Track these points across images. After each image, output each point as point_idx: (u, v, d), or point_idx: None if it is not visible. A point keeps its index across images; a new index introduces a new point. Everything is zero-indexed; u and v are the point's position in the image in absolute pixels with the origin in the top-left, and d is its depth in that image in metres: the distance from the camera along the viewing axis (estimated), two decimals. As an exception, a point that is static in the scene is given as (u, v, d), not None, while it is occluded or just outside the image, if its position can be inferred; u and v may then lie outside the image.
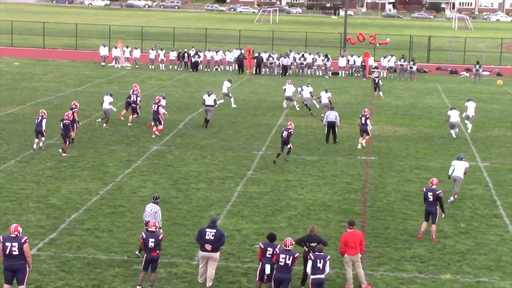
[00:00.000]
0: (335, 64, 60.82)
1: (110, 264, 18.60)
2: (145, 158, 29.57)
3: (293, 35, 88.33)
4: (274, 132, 35.40)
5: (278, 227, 21.72)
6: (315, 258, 16.32)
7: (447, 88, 53.63)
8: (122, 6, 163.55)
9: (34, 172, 26.92)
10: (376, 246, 20.51)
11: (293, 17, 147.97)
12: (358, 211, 23.68)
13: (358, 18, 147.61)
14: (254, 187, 25.97)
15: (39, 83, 49.72)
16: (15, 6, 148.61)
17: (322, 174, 27.97)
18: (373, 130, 36.73)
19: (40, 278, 17.55)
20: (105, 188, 25.25)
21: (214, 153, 30.82)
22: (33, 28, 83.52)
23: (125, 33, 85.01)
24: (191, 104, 42.61)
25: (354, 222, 18.00)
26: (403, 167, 29.55)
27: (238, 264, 18.96)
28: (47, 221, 21.58)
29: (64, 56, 66.66)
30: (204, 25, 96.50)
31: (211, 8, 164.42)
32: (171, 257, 19.18)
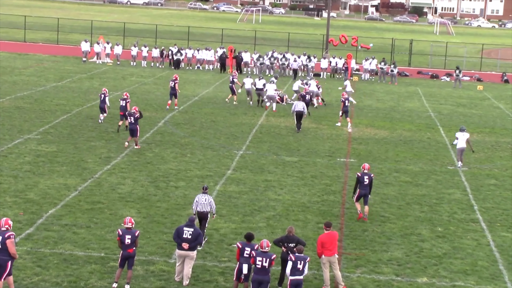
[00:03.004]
0: (317, 66, 60.92)
1: (87, 260, 18.52)
2: (124, 155, 29.47)
3: (276, 35, 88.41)
4: (254, 132, 35.41)
5: (256, 227, 21.72)
6: (296, 259, 16.31)
7: (427, 92, 53.92)
8: (105, 2, 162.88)
9: (12, 166, 26.74)
10: (353, 248, 20.57)
11: (276, 17, 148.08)
12: (336, 212, 23.74)
13: (340, 20, 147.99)
14: (233, 186, 25.95)
15: (19, 77, 49.41)
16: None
17: (302, 175, 28.01)
18: (353, 133, 36.88)
19: (16, 273, 17.41)
20: (83, 184, 25.13)
21: (194, 151, 30.77)
22: (15, 21, 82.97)
23: (107, 29, 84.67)
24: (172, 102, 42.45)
25: (331, 223, 18.03)
26: (382, 170, 29.65)
27: (215, 263, 18.94)
28: (24, 216, 21.45)
29: (45, 51, 66.29)
30: (187, 23, 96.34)
31: (194, 6, 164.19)
32: (148, 255, 19.12)
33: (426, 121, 41.73)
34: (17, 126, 33.33)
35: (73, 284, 17.15)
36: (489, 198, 26.45)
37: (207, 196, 20.11)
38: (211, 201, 20.11)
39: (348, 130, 37.23)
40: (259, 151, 31.61)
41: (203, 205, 19.94)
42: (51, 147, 29.93)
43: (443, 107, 47.48)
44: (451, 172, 29.74)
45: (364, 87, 54.90)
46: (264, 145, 32.71)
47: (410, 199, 25.74)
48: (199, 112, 39.94)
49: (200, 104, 42.64)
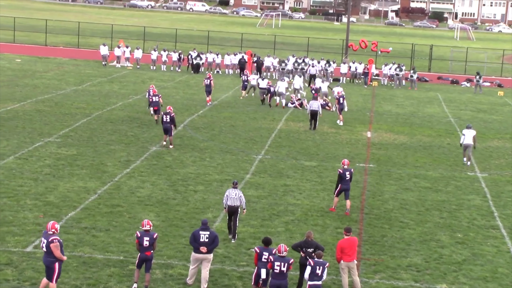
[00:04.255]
0: (337, 71, 60.84)
1: (106, 263, 18.58)
2: (144, 158, 29.56)
3: (295, 40, 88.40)
4: (274, 137, 35.40)
5: (275, 231, 21.70)
6: (315, 264, 16.26)
7: (447, 98, 53.68)
8: (125, 6, 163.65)
9: (32, 169, 26.90)
10: (372, 254, 20.50)
11: (295, 22, 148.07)
12: (355, 218, 23.67)
13: (360, 25, 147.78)
14: (252, 191, 25.95)
15: (40, 80, 49.72)
16: (18, 2, 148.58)
17: (321, 180, 27.96)
18: (373, 138, 36.80)
19: (36, 276, 17.52)
20: (103, 187, 25.23)
21: (213, 155, 30.81)
22: (36, 25, 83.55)
23: (127, 33, 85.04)
24: (191, 106, 42.60)
25: (350, 228, 17.98)
26: (401, 175, 29.55)
27: (234, 267, 18.94)
28: (44, 219, 21.55)
29: (66, 54, 66.68)
30: (206, 27, 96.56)
31: (214, 10, 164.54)
32: (167, 259, 19.16)
33: (446, 126, 41.54)
34: (37, 129, 33.53)
35: (92, 287, 17.22)
36: (510, 204, 26.27)
37: (238, 191, 20.84)
38: (241, 196, 20.80)
39: (338, 123, 39.42)
40: (278, 155, 31.61)
41: (233, 199, 20.66)
42: (71, 150, 30.08)
43: (463, 112, 47.25)
44: (471, 178, 29.59)
45: (384, 93, 54.75)
46: (283, 150, 32.70)
47: (430, 205, 25.62)
48: (218, 116, 40.01)
49: (219, 108, 42.70)
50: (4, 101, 39.93)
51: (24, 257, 18.62)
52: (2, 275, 17.42)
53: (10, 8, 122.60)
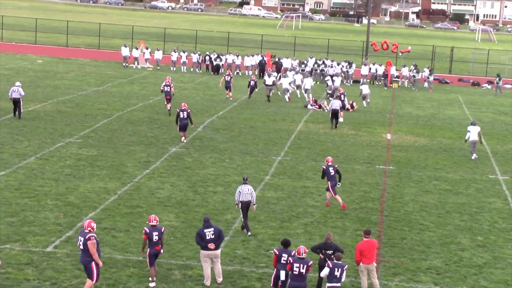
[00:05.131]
0: (357, 72, 60.70)
1: (125, 264, 18.65)
2: (163, 159, 29.65)
3: (315, 41, 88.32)
4: (293, 138, 35.38)
5: (294, 233, 21.68)
6: (333, 266, 16.24)
7: (468, 100, 53.39)
8: (146, 7, 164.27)
9: (53, 169, 27.06)
10: (392, 256, 20.43)
11: (315, 24, 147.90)
12: (375, 220, 23.60)
13: (381, 27, 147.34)
14: (272, 192, 25.95)
15: (61, 81, 50.00)
16: (40, 4, 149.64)
17: (340, 182, 27.85)
18: (393, 140, 36.68)
19: (56, 276, 17.63)
20: (123, 188, 25.32)
21: (233, 157, 30.84)
22: (57, 26, 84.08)
23: (148, 34, 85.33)
24: (211, 107, 42.68)
25: (370, 231, 17.92)
26: (421, 177, 29.42)
27: (253, 268, 18.95)
28: (64, 219, 21.68)
29: (87, 55, 67.03)
30: (226, 29, 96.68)
31: (234, 12, 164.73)
32: (186, 259, 19.20)
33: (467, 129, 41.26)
34: (58, 130, 33.73)
35: (112, 287, 17.29)
36: (531, 207, 26.08)
37: (249, 186, 21.40)
38: (253, 191, 21.39)
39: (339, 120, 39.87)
40: (297, 157, 31.58)
41: (246, 195, 21.19)
42: (91, 151, 30.23)
43: (484, 115, 46.97)
44: (492, 181, 29.40)
45: (404, 94, 54.55)
46: (302, 151, 32.66)
47: (450, 207, 25.49)
48: (238, 117, 40.04)
49: (239, 109, 42.74)
50: (26, 101, 40.13)
51: (45, 257, 18.73)
52: (23, 275, 17.54)
53: (32, 10, 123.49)
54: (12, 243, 19.52)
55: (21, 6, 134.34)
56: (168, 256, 19.36)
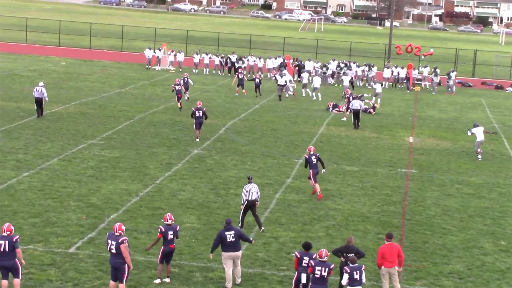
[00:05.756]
0: (380, 75, 60.50)
1: (147, 265, 18.71)
2: (185, 161, 29.72)
3: (338, 44, 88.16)
4: (315, 141, 35.33)
5: (315, 236, 21.66)
6: (351, 270, 16.20)
7: (491, 103, 53.04)
8: (168, 10, 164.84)
9: (76, 171, 27.21)
10: (413, 260, 20.34)
11: (338, 26, 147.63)
12: (396, 223, 23.51)
13: (403, 30, 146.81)
14: (293, 195, 25.93)
15: (84, 83, 50.29)
16: (63, 6, 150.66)
17: (362, 185, 27.84)
18: (415, 143, 36.53)
19: (78, 277, 17.73)
20: (145, 189, 25.42)
21: (254, 159, 30.85)
22: (81, 28, 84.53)
23: (170, 36, 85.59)
24: (233, 109, 42.73)
25: (392, 234, 17.85)
26: (444, 181, 29.27)
27: (274, 271, 18.94)
28: (86, 220, 21.80)
29: (110, 57, 67.36)
30: (248, 31, 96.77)
31: (257, 14, 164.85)
32: (207, 262, 19.22)
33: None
34: (81, 132, 33.92)
35: (133, 288, 17.36)
36: (555, 212, 25.85)
37: (255, 185, 21.92)
38: (258, 189, 21.92)
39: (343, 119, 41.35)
40: (319, 160, 31.49)
41: (252, 193, 21.67)
42: (113, 152, 30.37)
43: (508, 118, 46.63)
44: (515, 185, 29.19)
45: (427, 97, 54.31)
46: (324, 154, 32.59)
47: (473, 211, 25.34)
48: (259, 120, 40.06)
49: (260, 112, 42.76)
50: (49, 103, 40.39)
51: (67, 258, 18.84)
52: (45, 275, 17.66)
53: (55, 12, 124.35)
54: (35, 243, 19.65)
55: (45, 8, 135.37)
56: (190, 258, 19.42)
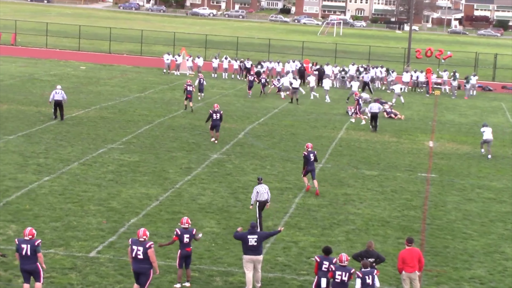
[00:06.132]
0: (399, 79, 60.29)
1: (167, 270, 18.74)
2: (205, 166, 29.76)
3: (356, 48, 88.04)
4: (334, 145, 35.27)
5: (335, 240, 21.60)
6: (363, 274, 16.15)
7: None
8: (187, 14, 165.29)
9: (96, 175, 27.32)
10: (434, 265, 20.24)
11: (357, 30, 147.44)
12: (417, 228, 23.41)
13: (423, 34, 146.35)
14: (313, 199, 25.89)
15: (104, 87, 50.52)
16: (83, 11, 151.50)
17: (382, 189, 27.75)
18: (435, 147, 36.37)
19: (99, 281, 17.79)
20: (164, 194, 25.47)
21: (274, 163, 30.83)
22: (100, 33, 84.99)
23: (189, 40, 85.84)
24: (252, 114, 42.74)
25: (412, 239, 17.77)
26: (464, 185, 29.11)
27: (294, 276, 18.91)
28: (107, 225, 21.87)
29: (129, 62, 67.64)
30: (267, 36, 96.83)
31: (275, 18, 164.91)
32: (227, 266, 19.23)
33: (511, 136, 40.81)
34: (101, 136, 34.06)
35: (154, 292, 17.39)
36: None
37: (265, 186, 22.24)
38: (268, 190, 22.23)
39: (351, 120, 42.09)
40: (338, 164, 31.47)
41: (263, 194, 21.96)
42: (133, 157, 30.46)
43: (529, 122, 46.34)
44: (536, 190, 28.98)
45: (447, 102, 54.08)
46: (343, 159, 32.55)
47: (494, 216, 25.18)
48: (279, 124, 40.05)
49: (280, 116, 42.76)
50: (69, 107, 40.65)
51: (88, 262, 18.91)
52: (67, 279, 17.73)
53: (75, 17, 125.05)
54: (56, 247, 19.75)
55: (65, 13, 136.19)
56: (210, 262, 19.44)
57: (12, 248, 18.42)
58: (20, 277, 17.10)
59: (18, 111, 38.87)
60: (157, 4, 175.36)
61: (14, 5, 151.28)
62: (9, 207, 22.87)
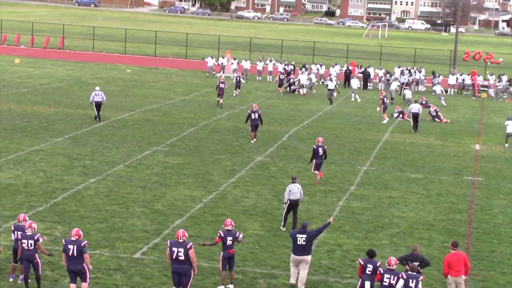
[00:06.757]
0: (445, 82, 59.72)
1: (211, 272, 18.81)
2: (249, 168, 29.81)
3: (402, 50, 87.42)
4: (379, 148, 35.06)
5: (379, 244, 21.47)
6: (407, 277, 16.04)
7: (561, 110, 51.80)
8: (232, 17, 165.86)
9: (141, 177, 27.55)
10: (480, 269, 19.99)
11: (402, 33, 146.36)
12: (463, 232, 23.15)
13: (469, 36, 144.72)
14: (357, 202, 25.77)
15: (149, 90, 50.93)
16: (129, 15, 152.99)
17: (427, 193, 27.50)
18: (482, 150, 35.94)
19: (143, 282, 17.93)
20: (208, 196, 25.58)
21: (318, 166, 30.71)
22: (146, 36, 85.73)
23: (234, 43, 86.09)
24: (296, 116, 42.71)
25: (457, 243, 17.58)
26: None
27: (337, 279, 18.85)
28: (151, 226, 22.03)
29: (174, 65, 68.10)
30: (312, 38, 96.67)
31: (320, 21, 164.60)
32: (271, 268, 19.24)
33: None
34: (146, 138, 34.34)
35: (197, 294, 17.46)
36: None
37: (298, 185, 22.36)
38: (301, 190, 22.40)
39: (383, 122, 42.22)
40: (383, 167, 31.28)
41: (295, 193, 22.09)
42: (178, 159, 30.65)
43: None
44: None
45: (493, 104, 53.40)
46: (388, 161, 32.34)
47: (541, 220, 24.78)
48: (323, 127, 39.95)
49: (324, 119, 42.65)
50: (115, 110, 41.10)
51: (133, 263, 19.08)
52: (112, 280, 17.91)
53: (122, 20, 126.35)
54: (102, 248, 19.96)
55: (112, 17, 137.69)
56: (253, 264, 19.46)
57: (59, 249, 18.70)
58: (66, 277, 17.34)
59: (65, 113, 39.41)
60: (202, 8, 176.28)
61: (62, 9, 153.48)
62: (56, 208, 23.19)
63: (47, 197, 24.35)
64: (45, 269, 17.99)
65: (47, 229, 21.13)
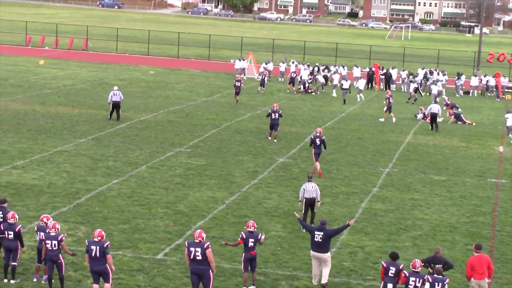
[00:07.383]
0: (467, 83, 59.42)
1: (233, 273, 18.83)
2: (271, 169, 29.82)
3: (425, 52, 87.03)
4: (401, 150, 34.93)
5: (402, 246, 21.39)
6: (433, 280, 15.96)
7: None
8: (255, 19, 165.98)
9: (163, 178, 27.65)
10: (504, 272, 19.85)
11: (425, 34, 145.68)
12: (486, 234, 23.00)
13: (493, 37, 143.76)
14: (379, 204, 25.69)
15: (172, 91, 51.10)
16: (152, 16, 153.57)
17: (450, 195, 27.36)
18: (506, 152, 35.69)
19: (166, 283, 17.99)
20: (231, 197, 25.62)
21: (340, 168, 30.71)
22: (169, 38, 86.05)
23: (256, 45, 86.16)
24: (318, 118, 42.65)
25: (481, 245, 17.47)
26: (536, 192, 28.50)
27: (360, 281, 18.80)
28: (174, 227, 22.10)
29: (197, 66, 68.27)
30: (335, 40, 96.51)
31: (343, 22, 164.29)
32: (293, 270, 19.23)
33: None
34: (169, 139, 34.46)
35: (219, 295, 17.49)
36: None
37: (314, 184, 22.56)
38: (317, 188, 22.55)
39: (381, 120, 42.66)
40: (405, 169, 31.16)
41: (310, 192, 22.34)
42: (200, 160, 30.73)
43: None
44: None
45: None
46: (411, 163, 32.20)
47: None
48: (345, 128, 39.87)
49: (346, 120, 42.56)
50: (138, 111, 41.29)
51: (155, 264, 19.15)
52: (134, 281, 17.99)
53: (145, 22, 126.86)
54: (124, 249, 20.05)
55: (135, 19, 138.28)
56: (275, 266, 19.46)
57: (82, 249, 18.82)
58: (89, 278, 17.45)
59: (89, 115, 39.65)
60: (225, 9, 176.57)
61: (85, 11, 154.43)
62: (79, 209, 23.34)
63: (71, 197, 24.51)
64: (68, 270, 18.12)
65: (70, 229, 21.27)
